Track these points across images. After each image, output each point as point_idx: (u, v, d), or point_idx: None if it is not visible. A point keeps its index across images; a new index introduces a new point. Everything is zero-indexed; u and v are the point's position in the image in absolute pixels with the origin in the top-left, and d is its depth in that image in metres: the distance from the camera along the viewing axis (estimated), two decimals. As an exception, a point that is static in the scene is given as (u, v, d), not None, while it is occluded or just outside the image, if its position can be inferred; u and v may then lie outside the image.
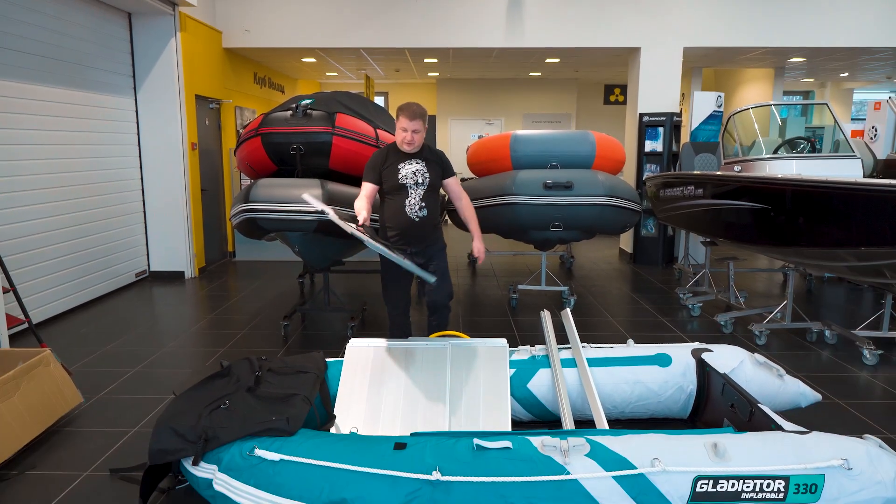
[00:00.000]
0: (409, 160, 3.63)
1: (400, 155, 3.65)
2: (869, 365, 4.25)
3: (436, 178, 3.70)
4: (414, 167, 3.62)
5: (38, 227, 5.16)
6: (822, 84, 14.21)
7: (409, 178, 3.61)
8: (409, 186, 3.61)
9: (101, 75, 6.08)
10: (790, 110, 10.93)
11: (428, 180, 3.65)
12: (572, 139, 5.62)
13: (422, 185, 3.63)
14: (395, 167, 3.61)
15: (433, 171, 3.68)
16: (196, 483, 2.50)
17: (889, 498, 2.15)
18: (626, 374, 3.24)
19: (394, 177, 3.61)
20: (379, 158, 3.67)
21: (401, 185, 3.61)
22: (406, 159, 3.63)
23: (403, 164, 3.62)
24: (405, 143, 3.58)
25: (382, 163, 3.64)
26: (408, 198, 3.61)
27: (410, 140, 3.56)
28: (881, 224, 3.34)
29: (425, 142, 3.74)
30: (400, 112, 3.56)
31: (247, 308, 5.76)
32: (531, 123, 13.72)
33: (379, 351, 3.25)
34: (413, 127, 3.53)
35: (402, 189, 3.61)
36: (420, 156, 3.67)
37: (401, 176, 3.60)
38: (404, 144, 3.59)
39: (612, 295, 6.29)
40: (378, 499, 2.22)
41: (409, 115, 3.53)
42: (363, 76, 11.32)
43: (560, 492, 2.20)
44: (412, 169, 3.62)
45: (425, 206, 3.65)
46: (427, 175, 3.65)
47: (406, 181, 3.61)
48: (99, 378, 4.01)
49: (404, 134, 3.55)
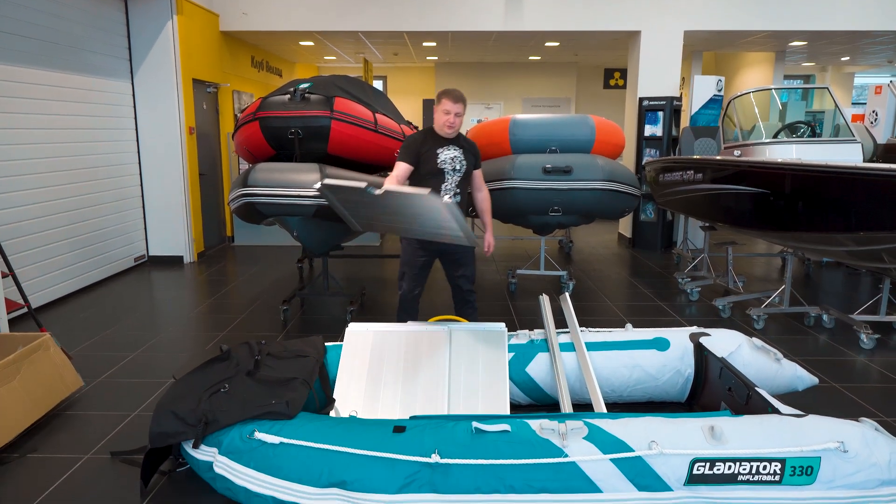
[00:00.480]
0: (448, 146, 3.63)
1: (439, 139, 3.64)
2: (866, 349, 4.27)
3: (470, 167, 3.72)
4: (452, 153, 3.62)
5: (37, 212, 5.15)
6: (822, 68, 14.13)
7: (447, 163, 3.61)
8: (446, 172, 3.61)
9: (98, 59, 6.03)
10: (791, 94, 10.88)
11: (464, 168, 3.66)
12: (572, 123, 5.59)
13: (458, 172, 3.64)
14: (433, 151, 3.60)
15: (468, 159, 3.70)
16: (197, 465, 2.52)
17: (884, 480, 2.17)
18: (625, 358, 3.26)
19: (432, 161, 3.59)
20: (417, 140, 3.64)
21: (439, 171, 3.60)
22: (445, 145, 3.63)
23: (442, 149, 3.61)
24: (447, 126, 3.58)
25: (421, 145, 3.61)
26: (444, 183, 3.62)
27: (453, 123, 3.57)
28: (880, 209, 3.34)
29: (460, 132, 3.75)
30: (443, 95, 3.56)
31: (246, 293, 5.76)
32: (530, 107, 13.66)
33: (378, 335, 3.26)
34: (456, 110, 3.55)
35: (440, 174, 3.61)
36: (457, 143, 3.67)
37: (440, 161, 3.59)
38: (445, 128, 3.58)
39: (611, 279, 6.30)
40: (377, 481, 2.24)
41: (453, 98, 3.54)
42: (361, 60, 11.25)
43: (558, 474, 2.22)
44: (451, 155, 3.62)
45: (459, 193, 3.68)
46: (464, 163, 3.66)
47: (444, 166, 3.60)
48: (99, 362, 4.02)
49: (447, 117, 3.55)
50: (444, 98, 3.56)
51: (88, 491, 2.60)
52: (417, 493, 2.23)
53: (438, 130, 3.64)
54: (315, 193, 4.22)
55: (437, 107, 3.61)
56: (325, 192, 3.17)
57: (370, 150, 4.94)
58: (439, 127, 3.62)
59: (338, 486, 2.26)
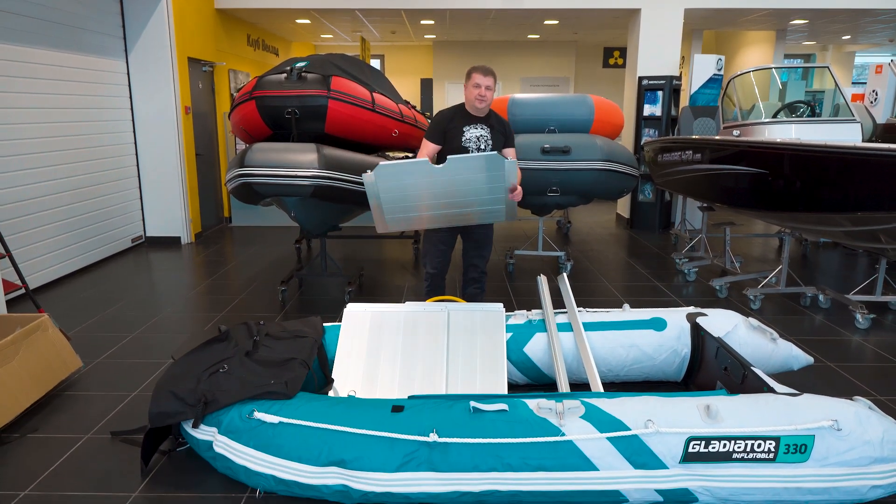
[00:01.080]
0: (476, 124, 3.58)
1: (467, 117, 3.59)
2: (861, 329, 4.29)
3: (497, 147, 3.63)
4: (479, 132, 3.57)
5: (32, 192, 5.13)
6: (823, 47, 14.02)
7: (472, 142, 3.55)
8: (471, 150, 3.55)
9: (92, 37, 5.96)
10: (791, 74, 10.81)
11: (490, 147, 3.59)
12: (570, 103, 5.56)
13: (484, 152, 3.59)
14: (459, 129, 3.55)
15: (496, 139, 3.62)
16: (196, 445, 2.54)
17: (876, 457, 2.20)
18: (622, 338, 3.27)
19: (457, 139, 3.54)
20: (445, 117, 3.59)
21: (463, 149, 3.55)
22: (472, 123, 3.58)
23: (469, 127, 3.56)
24: (477, 100, 3.51)
25: (447, 123, 3.57)
26: None
27: (483, 95, 3.49)
28: (878, 189, 3.34)
29: (491, 109, 3.67)
30: (472, 71, 3.51)
31: (244, 273, 5.77)
32: (529, 87, 13.56)
33: (376, 315, 3.26)
34: (486, 83, 3.48)
35: (464, 153, 3.54)
36: (486, 121, 3.61)
37: (465, 139, 3.54)
38: (476, 102, 3.51)
39: (609, 260, 6.31)
40: (376, 459, 2.26)
41: (483, 71, 3.48)
42: (359, 38, 11.13)
43: (555, 452, 2.24)
44: (476, 133, 3.56)
45: None
46: (490, 142, 3.60)
47: (469, 145, 3.55)
48: (98, 343, 4.03)
49: (477, 90, 3.48)
50: (474, 73, 3.51)
51: (89, 470, 2.62)
52: (416, 472, 2.25)
53: (469, 107, 3.60)
54: (312, 173, 4.20)
55: (467, 83, 3.55)
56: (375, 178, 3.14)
57: (368, 129, 4.91)
58: (469, 103, 3.57)
59: (337, 465, 2.28)
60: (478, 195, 3.22)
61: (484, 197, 3.21)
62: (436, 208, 3.32)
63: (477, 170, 3.11)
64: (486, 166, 3.08)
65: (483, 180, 3.15)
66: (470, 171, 3.11)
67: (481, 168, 3.09)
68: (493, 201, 3.23)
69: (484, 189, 3.18)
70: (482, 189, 3.17)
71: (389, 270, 5.87)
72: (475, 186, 3.19)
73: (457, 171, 3.11)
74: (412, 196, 3.24)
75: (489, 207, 3.30)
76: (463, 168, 3.10)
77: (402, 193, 3.24)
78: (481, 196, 3.21)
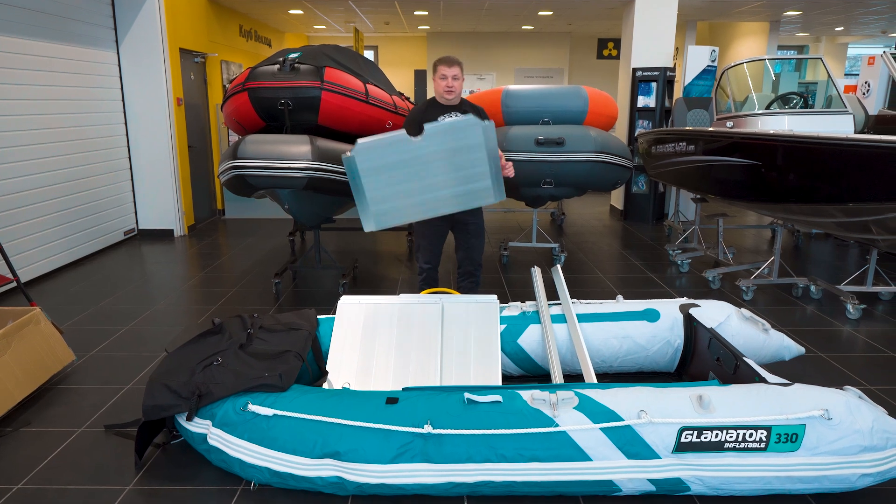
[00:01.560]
0: (449, 113, 3.62)
1: (440, 108, 3.64)
2: (852, 319, 4.33)
3: None
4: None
5: (24, 185, 5.09)
6: (816, 38, 14.04)
7: None
8: None
9: (81, 28, 5.90)
10: (784, 65, 10.82)
11: None
12: (565, 94, 5.55)
13: None
14: (434, 119, 3.59)
15: None
16: (191, 438, 2.54)
17: (866, 446, 2.22)
18: (615, 329, 3.29)
19: None
20: (419, 111, 3.66)
21: None
22: (446, 112, 3.62)
23: (443, 116, 3.61)
24: (446, 92, 3.58)
25: (422, 115, 3.62)
26: None
27: (451, 86, 3.56)
28: (870, 180, 3.35)
29: (463, 98, 3.72)
30: (437, 63, 3.61)
31: (237, 266, 5.75)
32: (523, 78, 13.53)
33: (370, 307, 3.27)
34: (452, 73, 3.55)
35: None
36: (459, 108, 3.67)
37: None
38: (445, 94, 3.58)
39: (603, 251, 6.32)
40: (371, 451, 2.27)
41: (447, 62, 3.56)
42: (352, 29, 11.07)
43: (549, 443, 2.25)
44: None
45: None
46: None
47: None
48: (91, 336, 4.02)
49: (444, 82, 3.56)
50: (439, 65, 3.60)
51: (83, 464, 2.62)
52: (410, 463, 2.26)
53: (440, 99, 3.66)
54: (306, 165, 4.19)
55: (434, 76, 3.64)
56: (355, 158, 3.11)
57: (361, 121, 4.89)
58: (439, 95, 3.64)
59: (332, 457, 2.29)
60: (461, 168, 3.16)
61: (468, 171, 3.14)
62: (421, 192, 3.23)
63: (455, 137, 3.10)
64: (463, 132, 3.08)
65: (463, 149, 3.13)
66: (448, 139, 3.10)
67: (459, 134, 3.09)
68: (478, 175, 3.16)
69: (466, 161, 3.14)
70: (464, 161, 3.12)
71: (384, 262, 5.87)
72: (457, 158, 3.16)
73: (435, 141, 3.10)
74: (395, 177, 3.18)
75: (476, 185, 3.18)
76: (441, 137, 3.09)
77: (385, 175, 3.18)
78: (465, 170, 3.14)
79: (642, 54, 7.76)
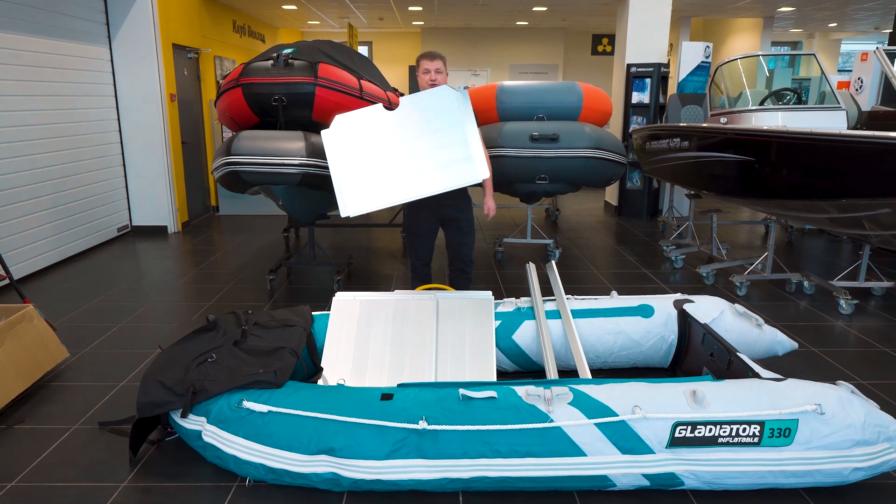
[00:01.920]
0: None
1: None
2: (845, 314, 4.35)
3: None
4: None
5: (15, 181, 5.06)
6: (810, 35, 14.07)
7: None
8: None
9: (74, 23, 5.86)
10: (778, 61, 10.85)
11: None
12: (559, 90, 5.55)
13: None
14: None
15: None
16: (185, 435, 2.53)
17: (858, 440, 2.24)
18: (610, 325, 3.30)
19: None
20: None
21: None
22: None
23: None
24: (429, 85, 3.59)
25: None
26: None
27: (434, 80, 3.58)
28: (863, 175, 3.37)
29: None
30: (420, 58, 3.65)
31: (232, 262, 5.74)
32: (518, 74, 13.52)
33: (365, 304, 3.26)
34: (435, 66, 3.59)
35: None
36: None
37: None
38: (428, 86, 3.59)
39: (597, 247, 6.33)
40: (366, 447, 2.27)
41: (429, 56, 3.61)
42: (346, 25, 11.03)
43: (543, 438, 2.26)
44: None
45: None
46: None
47: None
48: (84, 333, 4.01)
49: (427, 76, 3.59)
50: (422, 60, 3.65)
51: (77, 461, 2.61)
52: (405, 459, 2.26)
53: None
54: (300, 161, 4.18)
55: (418, 72, 3.67)
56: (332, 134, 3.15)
57: (355, 117, 4.87)
58: (423, 89, 3.59)
59: (327, 453, 2.29)
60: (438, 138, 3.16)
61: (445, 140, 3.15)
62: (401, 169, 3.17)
63: (431, 107, 3.17)
64: (438, 99, 3.15)
65: (440, 121, 3.18)
66: (424, 109, 3.17)
67: (435, 105, 3.16)
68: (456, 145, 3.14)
69: (442, 131, 3.16)
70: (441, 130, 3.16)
71: (378, 259, 5.86)
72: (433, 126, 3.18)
73: (411, 111, 3.16)
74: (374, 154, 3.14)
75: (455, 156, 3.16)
76: (417, 107, 3.16)
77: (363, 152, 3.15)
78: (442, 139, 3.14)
79: (636, 50, 7.76)
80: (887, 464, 2.27)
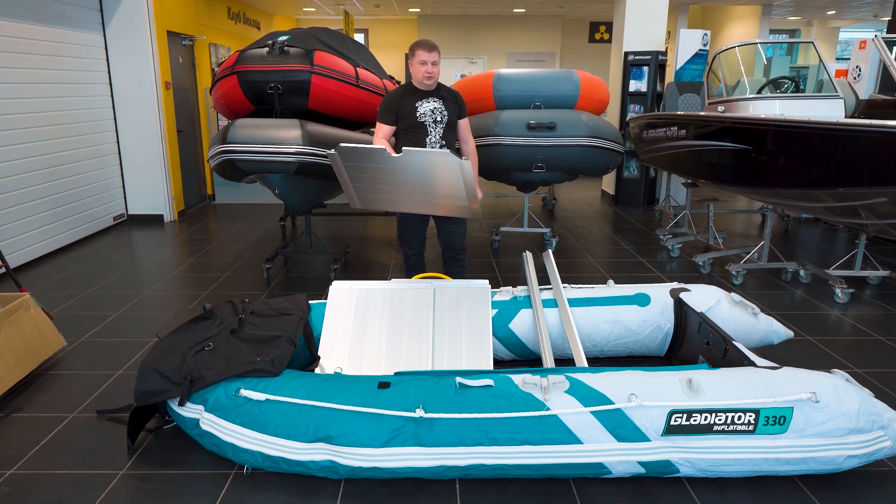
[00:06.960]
0: (427, 98, 3.59)
1: (417, 93, 3.60)
2: (840, 303, 4.37)
3: (453, 116, 3.67)
4: (432, 105, 3.58)
5: (10, 170, 5.02)
6: (808, 22, 14.02)
7: (427, 115, 3.57)
8: (427, 125, 3.58)
9: (67, 9, 5.80)
10: (775, 49, 10.81)
11: (446, 117, 3.63)
12: (556, 78, 5.53)
13: (440, 123, 3.61)
14: (412, 105, 3.56)
15: (450, 108, 3.65)
16: (183, 423, 2.54)
17: (852, 428, 2.26)
18: (606, 314, 3.31)
19: (412, 115, 3.56)
20: (394, 98, 3.61)
21: (419, 124, 3.56)
22: (423, 97, 3.59)
23: (421, 102, 3.57)
24: (425, 77, 3.53)
25: (398, 102, 3.59)
26: (427, 136, 3.59)
27: (430, 72, 3.51)
28: (859, 164, 3.37)
29: (440, 82, 3.70)
30: (416, 47, 3.53)
31: (228, 251, 5.72)
32: (515, 62, 13.46)
33: (362, 292, 3.26)
34: (432, 59, 3.51)
35: (421, 128, 3.57)
36: (437, 93, 3.63)
37: (419, 114, 3.56)
38: (424, 79, 3.54)
39: (594, 236, 6.34)
40: (363, 435, 2.28)
41: (427, 47, 3.50)
42: (342, 12, 10.95)
43: (540, 426, 2.27)
44: (430, 107, 3.58)
45: (445, 144, 3.65)
46: (445, 112, 3.62)
47: (425, 119, 3.56)
48: (81, 322, 4.00)
49: (424, 67, 3.51)
50: (418, 49, 3.53)
51: (75, 449, 2.62)
52: (402, 447, 2.27)
53: (417, 84, 3.61)
54: (296, 150, 4.16)
55: (411, 60, 3.58)
56: (338, 156, 3.21)
57: (351, 105, 4.86)
58: (418, 80, 3.59)
59: (324, 441, 2.30)
60: (437, 189, 3.28)
61: (443, 192, 3.26)
62: (401, 193, 3.36)
63: (431, 165, 3.17)
64: (441, 164, 3.13)
65: (439, 176, 3.21)
66: (425, 164, 3.18)
67: (436, 164, 3.16)
68: (454, 198, 3.27)
69: (442, 184, 3.23)
70: (440, 184, 3.23)
71: (375, 247, 5.86)
72: (433, 180, 3.25)
73: (412, 162, 3.17)
74: (376, 179, 3.32)
75: (452, 203, 3.34)
76: (418, 160, 3.16)
77: (367, 175, 3.31)
78: (440, 190, 3.26)
79: (634, 38, 7.72)
80: (881, 451, 2.29)
